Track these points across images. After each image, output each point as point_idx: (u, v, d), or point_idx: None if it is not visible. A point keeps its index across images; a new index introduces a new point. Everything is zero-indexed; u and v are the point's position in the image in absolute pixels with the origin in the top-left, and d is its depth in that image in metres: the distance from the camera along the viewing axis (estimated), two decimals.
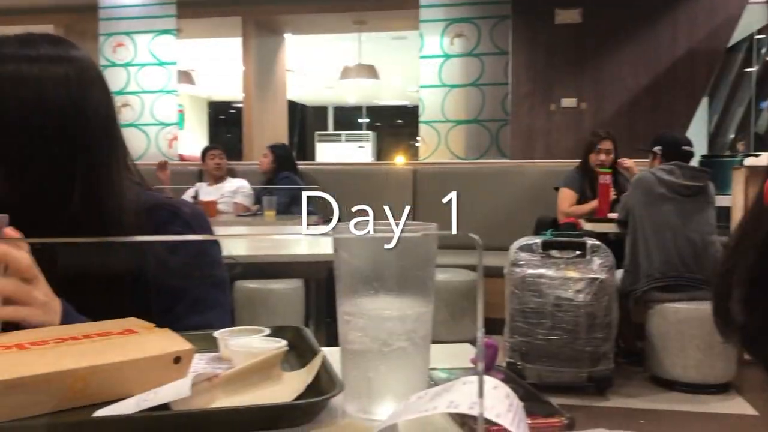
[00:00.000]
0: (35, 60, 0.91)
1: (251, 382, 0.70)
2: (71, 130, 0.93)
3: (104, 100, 0.98)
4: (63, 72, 0.93)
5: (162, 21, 6.25)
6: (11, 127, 0.89)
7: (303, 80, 11.53)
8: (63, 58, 0.94)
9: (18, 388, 0.62)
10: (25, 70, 0.90)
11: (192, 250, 1.03)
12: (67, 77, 0.93)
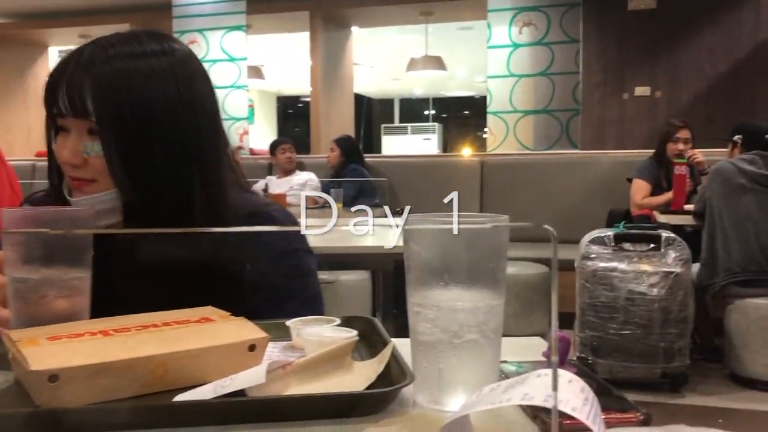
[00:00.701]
0: (141, 56, 0.92)
1: (323, 371, 0.71)
2: (182, 122, 0.94)
3: (209, 93, 0.99)
4: (168, 65, 0.93)
5: (232, 17, 6.39)
6: (126, 124, 0.91)
7: (369, 73, 11.57)
8: (166, 52, 0.95)
9: (103, 373, 0.65)
10: (132, 67, 0.91)
11: (292, 262, 1.04)
12: (172, 71, 0.93)
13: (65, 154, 0.91)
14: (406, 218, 0.67)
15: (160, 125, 0.92)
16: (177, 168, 0.94)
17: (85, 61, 0.91)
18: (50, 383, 0.62)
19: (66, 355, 0.65)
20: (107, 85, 0.90)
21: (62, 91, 0.90)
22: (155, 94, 0.92)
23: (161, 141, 0.92)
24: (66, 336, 0.71)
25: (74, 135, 0.92)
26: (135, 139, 0.91)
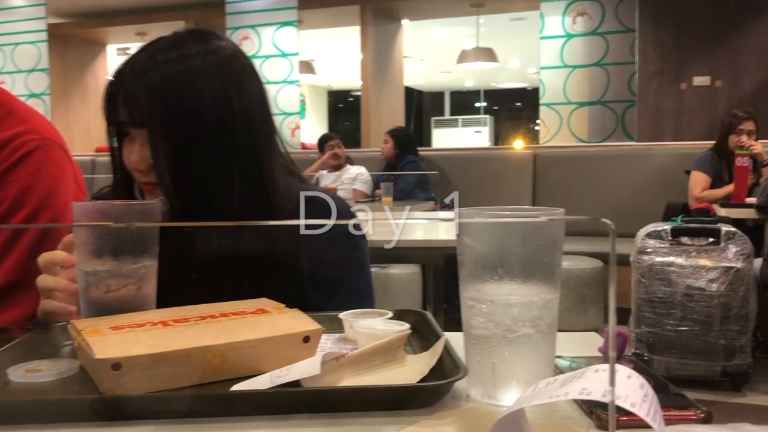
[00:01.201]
0: (185, 58, 0.95)
1: (376, 363, 0.72)
2: (229, 119, 0.96)
3: (257, 88, 1.02)
4: (213, 65, 0.96)
5: (284, 13, 6.45)
6: (173, 127, 0.94)
7: (419, 66, 11.54)
8: (210, 51, 0.97)
9: (164, 362, 0.66)
10: (179, 71, 0.94)
11: (347, 244, 1.06)
12: (217, 70, 0.96)
13: (132, 160, 0.95)
14: (458, 212, 0.67)
15: (207, 125, 0.95)
16: (225, 165, 0.96)
17: (138, 71, 0.94)
18: (113, 371, 0.64)
19: (128, 344, 0.67)
20: (157, 93, 0.93)
21: (121, 101, 0.94)
22: (203, 95, 0.94)
23: (209, 140, 0.95)
24: (128, 326, 0.73)
25: (138, 142, 0.95)
26: (183, 142, 0.94)
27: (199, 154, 0.95)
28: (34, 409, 0.63)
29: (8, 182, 1.10)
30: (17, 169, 1.11)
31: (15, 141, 1.12)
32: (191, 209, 0.96)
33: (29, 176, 1.11)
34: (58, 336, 0.85)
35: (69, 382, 0.71)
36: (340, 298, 1.02)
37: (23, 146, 1.12)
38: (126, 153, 0.98)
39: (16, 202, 1.10)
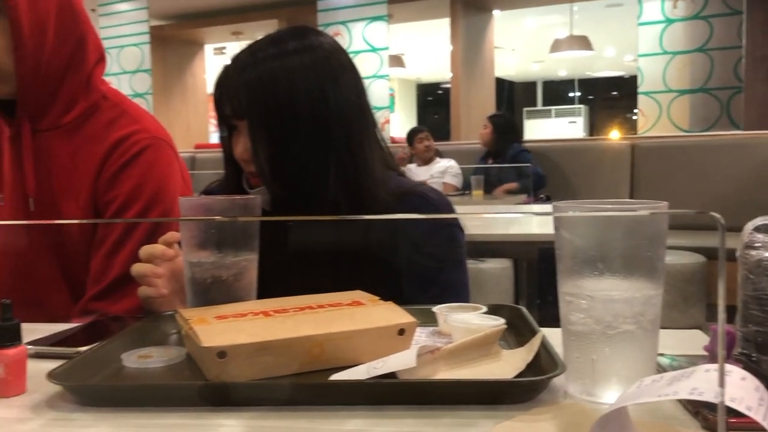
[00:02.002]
0: (284, 55, 0.99)
1: (471, 357, 0.72)
2: (326, 115, 0.99)
3: (354, 83, 1.04)
4: (310, 62, 0.99)
5: (374, 8, 6.49)
6: (271, 121, 0.98)
7: (511, 56, 11.36)
8: (308, 48, 1.01)
9: (266, 351, 0.69)
10: (276, 68, 0.98)
11: (445, 236, 1.07)
12: (314, 66, 0.99)
13: (237, 151, 1.00)
14: (554, 205, 0.66)
15: (303, 119, 0.98)
16: (321, 156, 0.99)
17: (240, 67, 1.00)
18: (219, 359, 0.67)
19: (232, 333, 0.70)
20: (255, 88, 0.97)
21: (226, 96, 1.00)
22: (298, 90, 0.98)
23: (305, 133, 0.98)
24: (232, 315, 0.76)
25: (243, 134, 1.00)
26: (280, 134, 0.98)
27: (295, 146, 0.98)
28: (147, 394, 0.67)
29: (122, 179, 1.17)
30: (130, 167, 1.17)
31: (128, 140, 1.18)
32: (289, 199, 0.99)
33: (141, 174, 1.17)
34: (166, 324, 0.90)
35: (177, 369, 0.75)
36: (436, 290, 1.03)
37: (135, 145, 1.18)
38: (234, 144, 1.03)
39: (129, 198, 1.16)
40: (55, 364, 0.71)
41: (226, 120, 1.03)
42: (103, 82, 1.27)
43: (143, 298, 0.93)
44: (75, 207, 1.17)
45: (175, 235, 0.92)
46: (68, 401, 0.67)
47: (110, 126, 1.20)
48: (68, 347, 0.83)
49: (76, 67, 1.19)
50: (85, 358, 0.74)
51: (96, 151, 1.18)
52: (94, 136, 1.19)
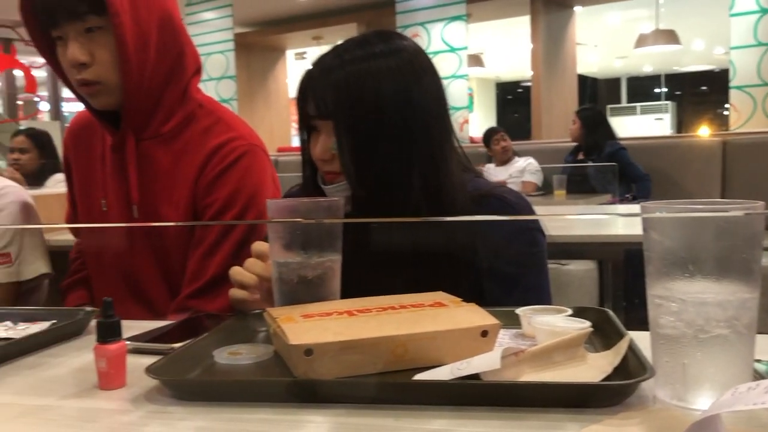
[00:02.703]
0: (370, 58, 1.00)
1: (556, 360, 0.71)
2: (409, 117, 1.01)
3: (435, 86, 1.05)
4: (395, 65, 1.01)
5: (453, 8, 6.47)
6: (357, 121, 0.99)
7: (593, 53, 11.08)
8: (394, 51, 1.02)
9: (350, 349, 0.70)
10: (364, 69, 0.99)
11: (526, 240, 1.05)
12: (399, 69, 1.01)
13: (317, 151, 1.02)
14: (642, 206, 0.64)
15: (389, 120, 0.99)
16: (404, 157, 1.00)
17: (326, 68, 1.01)
18: (306, 356, 0.69)
19: (318, 331, 0.72)
20: (342, 88, 0.99)
21: (310, 96, 1.02)
22: (384, 92, 0.99)
23: (390, 135, 1.00)
24: (317, 314, 0.78)
25: (323, 134, 1.02)
26: (365, 135, 0.99)
27: (380, 146, 1.00)
28: (238, 389, 0.69)
29: (220, 185, 1.23)
30: (228, 173, 1.23)
31: (225, 147, 1.24)
32: (371, 200, 1.01)
33: (238, 180, 1.23)
34: (254, 322, 0.93)
35: (266, 366, 0.77)
36: (518, 294, 1.02)
37: (233, 152, 1.24)
38: (312, 145, 1.05)
39: (226, 203, 1.22)
40: (152, 360, 0.74)
41: (307, 121, 1.05)
42: (198, 90, 1.33)
43: (235, 300, 0.97)
44: (174, 211, 1.24)
45: (264, 246, 0.96)
46: (165, 395, 0.71)
47: (207, 133, 1.26)
48: (164, 343, 0.87)
49: (176, 79, 1.26)
50: (180, 354, 0.78)
51: (194, 157, 1.24)
52: (192, 144, 1.26)
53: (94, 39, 1.17)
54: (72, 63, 1.17)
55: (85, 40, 1.17)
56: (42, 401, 0.71)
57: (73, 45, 1.16)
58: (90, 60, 1.17)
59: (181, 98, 1.27)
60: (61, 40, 1.19)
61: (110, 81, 1.20)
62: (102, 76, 1.19)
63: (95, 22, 1.16)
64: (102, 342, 0.74)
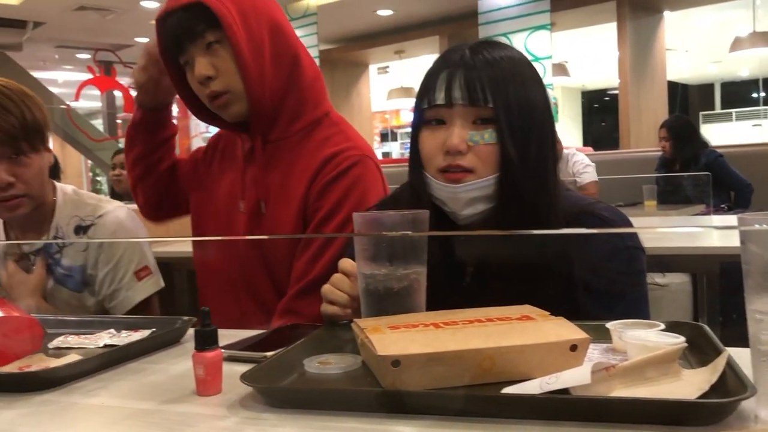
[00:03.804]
0: (513, 57, 1.01)
1: (649, 376, 0.69)
2: (543, 120, 1.01)
3: (543, 96, 1.03)
4: (529, 67, 1.02)
5: (537, 17, 6.39)
6: (515, 114, 0.97)
7: (684, 58, 10.68)
8: (517, 53, 1.03)
9: (437, 361, 0.71)
10: (515, 61, 1.00)
11: (625, 259, 1.02)
12: (534, 73, 1.02)
13: (454, 140, 0.96)
14: (739, 218, 0.62)
15: (535, 120, 0.99)
16: (543, 160, 1.00)
17: (480, 60, 0.98)
18: (393, 368, 0.70)
19: (405, 343, 0.73)
20: (505, 78, 0.97)
21: (457, 83, 0.97)
22: (532, 91, 1.00)
23: (535, 134, 0.99)
24: (404, 326, 0.79)
25: (459, 124, 0.97)
26: (520, 130, 0.97)
27: (526, 145, 0.98)
28: (328, 398, 0.71)
29: (330, 191, 1.29)
30: (338, 181, 1.29)
31: (340, 155, 1.31)
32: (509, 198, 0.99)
33: (346, 188, 1.29)
34: (342, 333, 0.95)
35: (354, 375, 0.79)
36: (617, 311, 0.98)
37: (346, 161, 1.30)
38: (436, 137, 1.00)
39: (333, 209, 1.28)
40: (246, 367, 0.77)
41: (431, 114, 1.00)
42: (326, 100, 1.41)
43: (326, 315, 1.01)
44: (288, 212, 1.31)
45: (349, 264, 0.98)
46: (258, 402, 0.73)
47: (326, 141, 1.34)
48: (257, 352, 0.90)
49: (295, 83, 1.34)
50: (272, 362, 0.81)
51: (311, 162, 1.31)
52: (310, 149, 1.33)
53: (215, 53, 1.27)
54: (199, 78, 1.27)
55: (207, 55, 1.27)
56: (145, 405, 0.75)
57: (198, 62, 1.27)
58: (215, 73, 1.27)
59: (303, 102, 1.35)
60: (189, 64, 1.30)
61: (236, 89, 1.29)
62: (228, 85, 1.28)
63: (213, 36, 1.26)
64: (200, 350, 0.77)
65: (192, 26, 1.25)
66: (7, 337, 0.91)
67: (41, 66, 10.24)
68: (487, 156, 0.97)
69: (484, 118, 0.97)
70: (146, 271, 1.50)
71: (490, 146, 0.97)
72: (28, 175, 1.41)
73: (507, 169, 0.97)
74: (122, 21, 7.81)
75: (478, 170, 0.97)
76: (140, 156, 1.51)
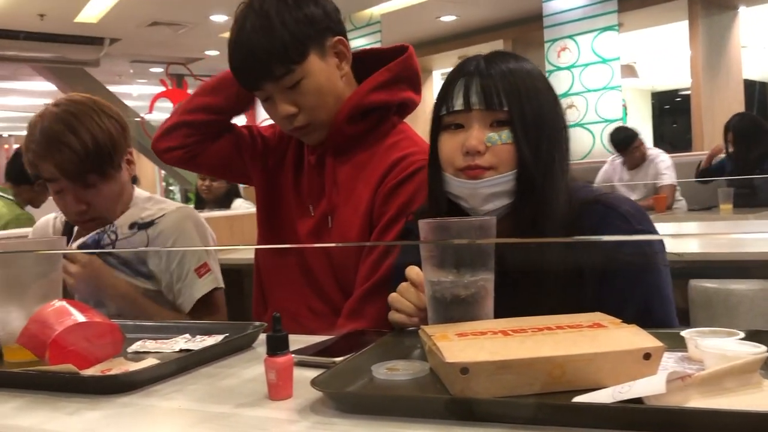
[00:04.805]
0: (523, 66, 1.06)
1: (727, 386, 0.67)
2: (554, 123, 1.05)
3: (553, 99, 1.08)
4: (539, 74, 1.07)
5: (603, 18, 6.26)
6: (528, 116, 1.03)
7: (762, 55, 10.25)
8: (527, 62, 1.07)
9: (506, 369, 0.70)
10: (526, 70, 1.05)
11: (640, 249, 1.04)
12: (544, 79, 1.08)
13: (473, 141, 1.02)
14: None
15: (546, 121, 1.04)
16: (553, 158, 1.04)
17: (495, 69, 1.04)
18: (462, 375, 0.70)
19: (474, 350, 0.73)
20: (518, 85, 1.03)
21: (473, 89, 1.04)
22: (543, 95, 1.05)
23: (546, 134, 1.04)
24: (471, 333, 0.79)
25: (477, 127, 1.03)
26: (534, 130, 1.03)
27: (539, 144, 1.03)
28: (398, 404, 0.72)
29: (396, 195, 1.31)
30: (405, 184, 1.31)
31: (405, 160, 1.33)
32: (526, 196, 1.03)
33: (411, 193, 1.30)
34: (409, 339, 0.95)
35: (422, 382, 0.79)
36: (637, 296, 1.00)
37: (412, 165, 1.32)
38: (456, 140, 1.05)
39: (398, 213, 1.30)
40: (315, 372, 0.79)
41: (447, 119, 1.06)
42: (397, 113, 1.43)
43: (393, 322, 1.03)
44: (355, 215, 1.34)
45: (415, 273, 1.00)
46: (328, 406, 0.74)
47: (392, 147, 1.36)
48: (325, 357, 0.92)
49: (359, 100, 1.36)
50: (341, 368, 0.82)
51: (378, 167, 1.34)
52: (377, 155, 1.36)
53: (295, 89, 1.29)
54: (283, 117, 1.31)
55: (288, 93, 1.30)
56: (219, 409, 0.78)
57: (280, 102, 1.30)
58: (297, 110, 1.31)
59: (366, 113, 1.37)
60: (268, 100, 1.33)
61: (318, 121, 1.33)
62: (310, 118, 1.32)
63: (293, 77, 1.28)
64: (272, 355, 0.79)
65: (271, 72, 1.26)
66: (90, 342, 0.95)
67: (117, 80, 10.66)
68: (505, 154, 1.02)
69: (500, 120, 1.03)
70: (205, 268, 1.53)
71: (507, 146, 1.02)
72: (98, 200, 1.48)
73: (522, 167, 1.02)
74: (193, 35, 8.06)
75: (497, 167, 1.03)
76: (214, 106, 1.46)
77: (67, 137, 1.40)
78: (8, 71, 9.51)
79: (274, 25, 1.24)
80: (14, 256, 1.06)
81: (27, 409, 0.82)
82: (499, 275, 0.91)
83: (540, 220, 1.02)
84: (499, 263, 0.90)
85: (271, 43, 1.24)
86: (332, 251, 1.36)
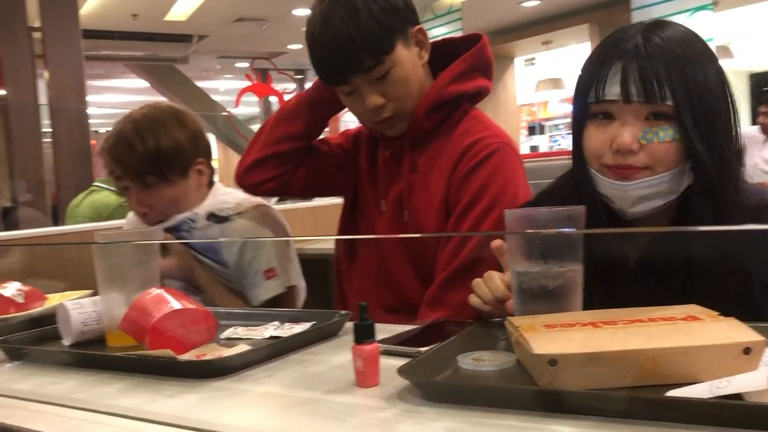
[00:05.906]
0: (685, 42, 0.96)
1: None
2: (726, 113, 0.96)
3: (721, 78, 0.97)
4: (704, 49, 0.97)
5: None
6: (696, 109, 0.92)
7: None
8: (694, 34, 0.99)
9: (596, 361, 0.69)
10: (690, 52, 0.94)
11: None
12: (711, 54, 0.98)
13: (626, 139, 0.92)
14: None
15: (716, 108, 0.94)
16: (727, 150, 0.94)
17: (655, 48, 0.92)
18: (550, 366, 0.69)
19: (562, 342, 0.72)
20: (683, 68, 0.92)
21: (632, 77, 0.92)
22: (710, 76, 0.94)
23: (718, 123, 0.94)
24: (560, 325, 0.78)
25: (631, 122, 0.93)
26: (704, 122, 0.92)
27: (713, 140, 0.93)
28: (485, 394, 0.71)
29: (471, 179, 1.30)
30: (479, 168, 1.30)
31: (479, 144, 1.32)
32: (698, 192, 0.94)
33: (487, 175, 1.30)
34: (495, 330, 0.95)
35: (509, 373, 0.79)
36: None
37: (485, 148, 1.31)
38: (608, 132, 0.95)
39: (474, 197, 1.29)
40: (401, 361, 0.79)
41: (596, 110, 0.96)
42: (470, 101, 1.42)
43: (472, 305, 1.01)
44: (430, 204, 1.34)
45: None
46: (414, 395, 0.75)
47: (465, 133, 1.36)
48: (411, 346, 0.93)
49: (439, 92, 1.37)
50: (427, 357, 0.83)
51: (451, 153, 1.34)
52: (451, 142, 1.36)
53: (383, 80, 1.30)
54: (370, 110, 1.32)
55: (376, 84, 1.31)
56: (309, 395, 0.80)
57: (368, 93, 1.30)
58: (384, 101, 1.32)
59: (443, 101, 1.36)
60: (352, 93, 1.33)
61: (404, 111, 1.34)
62: (397, 108, 1.33)
63: (383, 68, 1.28)
64: (359, 343, 0.80)
65: (360, 64, 1.27)
66: (186, 328, 0.99)
67: (205, 76, 11.03)
68: (663, 154, 0.92)
69: (658, 113, 0.92)
70: (272, 273, 1.56)
71: (665, 144, 0.92)
72: (161, 204, 1.53)
73: (696, 165, 0.92)
74: (276, 30, 8.24)
75: (653, 167, 0.93)
76: (297, 134, 1.45)
77: (133, 138, 1.48)
78: (103, 70, 10.01)
79: (362, 16, 1.24)
80: (115, 246, 1.12)
81: (129, 391, 0.86)
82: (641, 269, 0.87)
83: (711, 221, 0.93)
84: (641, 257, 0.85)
85: (362, 35, 1.24)
86: (410, 243, 1.37)
